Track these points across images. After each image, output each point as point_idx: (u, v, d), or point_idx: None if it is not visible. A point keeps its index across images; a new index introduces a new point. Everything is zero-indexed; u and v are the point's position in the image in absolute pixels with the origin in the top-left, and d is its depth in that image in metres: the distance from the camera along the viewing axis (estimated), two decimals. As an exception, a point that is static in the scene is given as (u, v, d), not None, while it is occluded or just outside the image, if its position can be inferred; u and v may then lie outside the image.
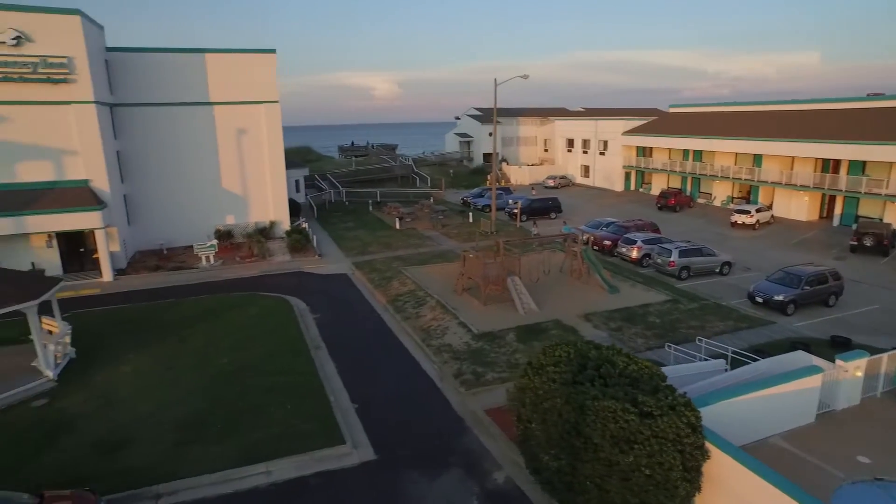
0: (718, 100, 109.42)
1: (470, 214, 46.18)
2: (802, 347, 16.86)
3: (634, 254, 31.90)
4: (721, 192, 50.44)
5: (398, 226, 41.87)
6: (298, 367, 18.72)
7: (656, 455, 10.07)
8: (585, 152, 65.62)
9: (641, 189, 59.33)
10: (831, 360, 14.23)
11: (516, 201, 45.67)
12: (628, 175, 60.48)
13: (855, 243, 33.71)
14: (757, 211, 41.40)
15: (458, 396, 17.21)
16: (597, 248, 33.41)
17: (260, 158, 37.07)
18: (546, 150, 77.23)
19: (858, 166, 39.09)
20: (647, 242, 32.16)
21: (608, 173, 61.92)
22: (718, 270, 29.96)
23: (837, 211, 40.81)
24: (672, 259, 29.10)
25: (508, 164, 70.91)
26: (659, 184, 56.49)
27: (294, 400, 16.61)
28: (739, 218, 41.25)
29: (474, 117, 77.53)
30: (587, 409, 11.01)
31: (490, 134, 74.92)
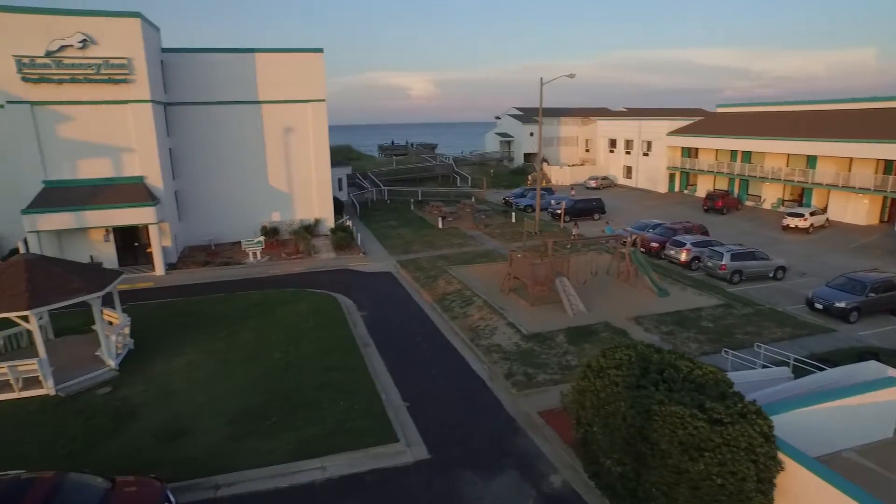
0: (768, 99, 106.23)
1: (513, 215, 45.88)
2: (872, 357, 16.13)
3: (683, 256, 31.14)
4: (771, 195, 48.86)
5: (441, 225, 41.90)
6: (349, 364, 18.86)
7: (728, 464, 9.75)
8: (628, 153, 64.52)
9: (686, 191, 57.98)
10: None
11: (559, 201, 45.14)
12: (672, 176, 59.19)
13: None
14: (811, 214, 39.95)
15: (510, 397, 17.05)
16: (643, 250, 32.73)
17: (306, 156, 37.59)
18: (587, 151, 76.25)
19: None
20: (697, 245, 31.36)
21: (651, 174, 60.73)
22: (772, 275, 28.99)
23: (901, 215, 39.11)
24: (723, 262, 28.29)
25: (549, 165, 70.25)
26: (704, 185, 55.09)
27: (346, 396, 16.72)
28: (792, 221, 39.86)
29: (515, 117, 77.09)
30: (653, 414, 10.75)
31: (532, 134, 74.62)
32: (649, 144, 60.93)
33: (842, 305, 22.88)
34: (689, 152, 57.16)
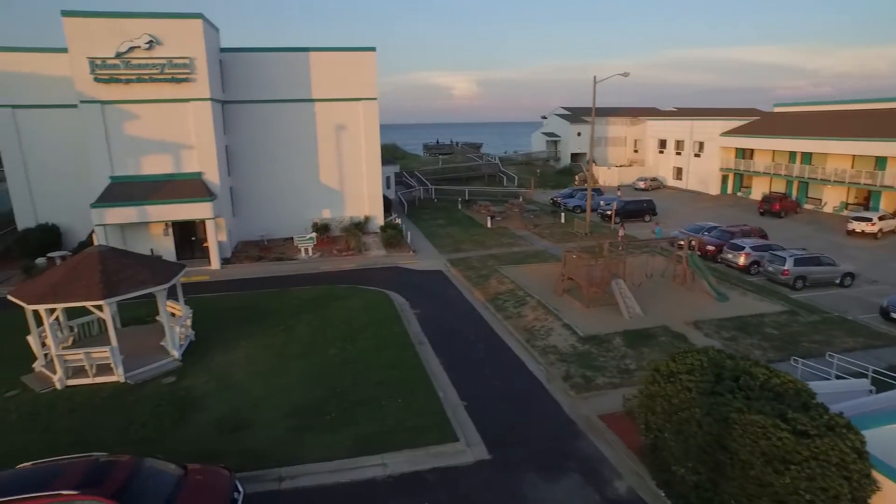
0: (824, 98, 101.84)
1: (562, 215, 45.26)
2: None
3: (742, 260, 30.07)
4: (833, 198, 46.73)
5: (489, 224, 41.68)
6: (406, 362, 18.87)
7: (818, 479, 9.26)
8: (679, 154, 62.87)
9: (739, 193, 56.12)
10: None
11: (609, 202, 44.30)
12: (725, 178, 57.37)
13: None
14: (880, 218, 37.99)
15: (569, 399, 16.74)
16: (699, 254, 31.76)
17: (357, 154, 37.94)
18: (636, 151, 74.71)
19: None
20: (756, 249, 30.24)
21: (703, 176, 59.01)
22: (838, 282, 27.70)
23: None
24: (786, 267, 27.19)
25: (597, 165, 69.17)
26: (759, 188, 53.19)
27: (404, 394, 16.72)
28: (858, 226, 38.02)
29: (562, 116, 76.18)
30: (732, 423, 10.33)
31: (579, 134, 73.70)
32: (701, 145, 59.20)
33: (921, 315, 21.66)
34: (744, 153, 55.26)
